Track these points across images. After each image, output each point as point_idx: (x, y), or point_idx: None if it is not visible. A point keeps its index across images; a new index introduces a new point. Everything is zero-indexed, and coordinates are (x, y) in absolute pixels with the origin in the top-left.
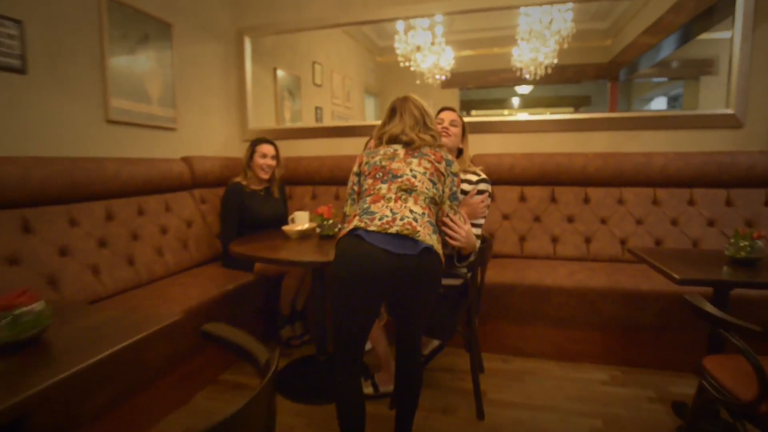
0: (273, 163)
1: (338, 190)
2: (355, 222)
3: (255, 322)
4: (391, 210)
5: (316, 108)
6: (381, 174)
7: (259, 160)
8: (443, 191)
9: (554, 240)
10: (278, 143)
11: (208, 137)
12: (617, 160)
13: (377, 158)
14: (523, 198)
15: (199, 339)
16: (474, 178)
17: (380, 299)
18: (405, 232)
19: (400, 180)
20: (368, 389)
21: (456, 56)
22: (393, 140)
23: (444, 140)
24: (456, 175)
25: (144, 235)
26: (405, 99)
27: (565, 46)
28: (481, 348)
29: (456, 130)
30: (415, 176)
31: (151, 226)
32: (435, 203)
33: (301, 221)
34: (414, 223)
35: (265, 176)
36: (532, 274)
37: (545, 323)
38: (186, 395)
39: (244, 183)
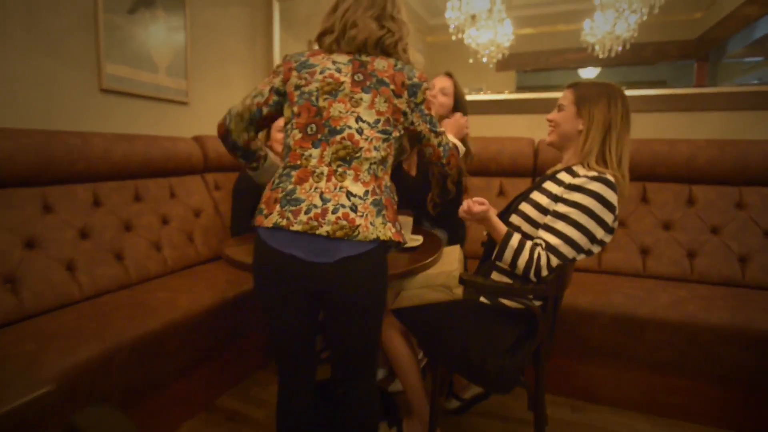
0: None
1: None
2: (275, 217)
3: (262, 333)
4: (321, 195)
5: None
6: (315, 127)
7: (277, 134)
8: (417, 131)
9: (644, 252)
10: None
11: None
12: (739, 150)
13: (313, 86)
14: None
15: (185, 361)
16: (586, 172)
17: (309, 306)
18: (339, 234)
19: (339, 137)
20: None
21: (514, 34)
22: (352, 40)
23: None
24: (423, 102)
25: (139, 226)
26: None
27: (656, 10)
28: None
29: (561, 116)
30: (360, 131)
31: (149, 214)
32: (385, 163)
33: None
34: (351, 215)
35: None
36: (618, 298)
37: (634, 365)
38: (171, 425)
39: None
